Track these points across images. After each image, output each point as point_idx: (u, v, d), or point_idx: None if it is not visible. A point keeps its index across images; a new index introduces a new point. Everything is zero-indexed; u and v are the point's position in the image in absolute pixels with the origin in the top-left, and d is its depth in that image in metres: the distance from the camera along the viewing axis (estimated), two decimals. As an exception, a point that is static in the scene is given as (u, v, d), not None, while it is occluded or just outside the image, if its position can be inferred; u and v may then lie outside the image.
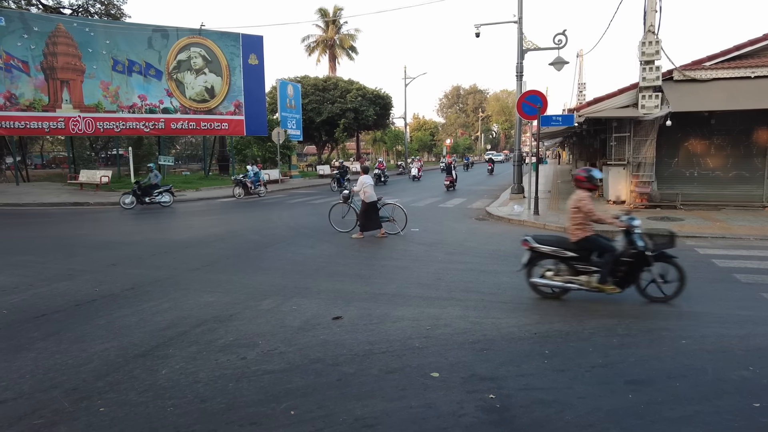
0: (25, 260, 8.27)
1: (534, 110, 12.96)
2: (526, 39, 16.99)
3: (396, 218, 10.69)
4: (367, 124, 44.42)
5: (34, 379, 3.84)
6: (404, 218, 10.75)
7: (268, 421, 3.19)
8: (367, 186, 10.28)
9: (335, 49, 53.29)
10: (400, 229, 10.56)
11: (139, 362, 4.12)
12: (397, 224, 10.61)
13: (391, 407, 3.35)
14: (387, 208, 10.75)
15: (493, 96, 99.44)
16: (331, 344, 4.45)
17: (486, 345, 4.43)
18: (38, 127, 22.96)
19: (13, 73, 21.81)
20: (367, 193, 10.21)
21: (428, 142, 64.99)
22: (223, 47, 25.79)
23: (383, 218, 10.51)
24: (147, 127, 24.74)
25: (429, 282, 6.64)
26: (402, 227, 10.60)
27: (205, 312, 5.40)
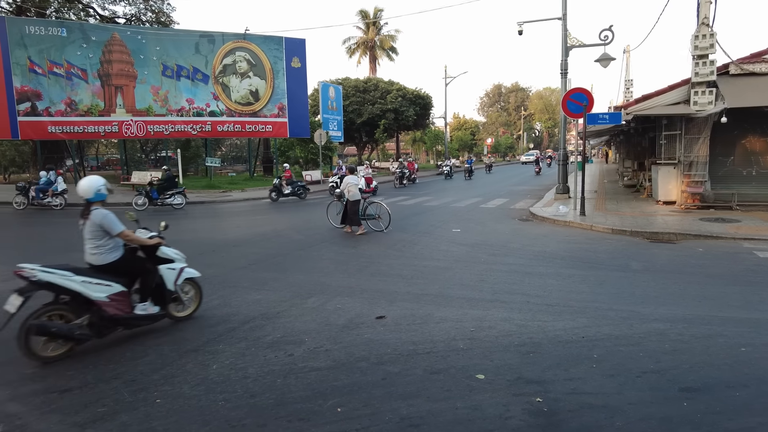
0: (82, 257, 8.69)
1: (580, 108, 12.64)
2: (570, 36, 16.59)
3: (381, 216, 11.19)
4: (407, 125, 44.41)
5: (97, 369, 4.05)
6: (388, 217, 11.17)
7: (315, 417, 3.26)
8: (352, 185, 10.90)
9: (375, 50, 53.55)
10: (384, 227, 11.04)
11: (191, 357, 4.27)
12: (382, 221, 11.12)
13: (437, 408, 3.35)
14: (373, 207, 11.34)
15: (535, 94, 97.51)
16: (375, 343, 4.49)
17: (532, 348, 4.36)
18: (95, 131, 24.20)
19: (74, 80, 23.05)
20: (351, 192, 10.85)
21: (469, 141, 64.34)
22: (266, 51, 26.37)
23: (370, 216, 11.16)
24: (194, 130, 25.61)
25: (472, 283, 6.59)
26: (386, 225, 11.06)
27: (252, 309, 5.56)
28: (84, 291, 4.39)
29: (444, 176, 32.06)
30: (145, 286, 4.89)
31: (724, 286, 6.42)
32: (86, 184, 4.80)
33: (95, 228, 4.66)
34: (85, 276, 4.48)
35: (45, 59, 22.53)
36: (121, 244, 4.82)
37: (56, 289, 4.34)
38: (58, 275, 4.32)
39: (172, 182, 16.91)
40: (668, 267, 7.65)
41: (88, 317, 4.44)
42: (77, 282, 4.39)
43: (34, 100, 22.63)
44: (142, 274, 4.91)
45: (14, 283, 4.27)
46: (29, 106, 22.57)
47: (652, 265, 7.78)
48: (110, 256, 4.69)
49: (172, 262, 5.19)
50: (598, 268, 7.50)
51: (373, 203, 11.43)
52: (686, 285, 6.51)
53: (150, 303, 4.88)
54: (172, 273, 5.10)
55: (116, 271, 4.70)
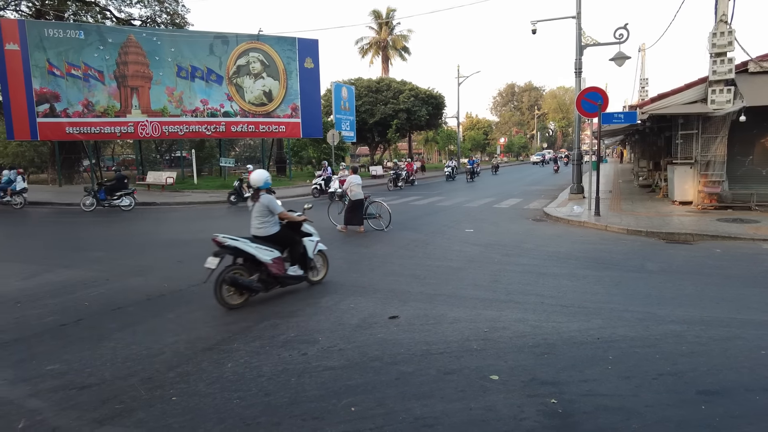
0: (101, 256, 8.85)
1: (594, 107, 12.53)
2: (584, 34, 16.45)
3: (382, 215, 11.41)
4: (419, 125, 44.37)
5: (114, 367, 4.11)
6: (389, 216, 11.36)
7: (329, 416, 3.27)
8: (354, 185, 11.13)
9: (388, 50, 53.59)
10: (385, 225, 11.22)
11: (207, 355, 4.31)
12: (382, 221, 11.30)
13: (451, 408, 3.35)
14: (374, 206, 11.55)
15: (549, 93, 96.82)
16: (388, 343, 4.50)
17: (546, 349, 4.33)
18: (111, 131, 24.51)
19: (90, 82, 23.37)
20: (354, 191, 11.09)
21: (481, 141, 64.04)
22: (280, 52, 26.51)
23: (371, 215, 11.42)
24: (209, 130, 25.82)
25: (485, 284, 6.57)
26: (387, 224, 11.23)
27: (267, 308, 5.60)
28: (257, 254, 5.76)
29: (446, 178, 30.73)
30: (294, 254, 6.26)
31: (743, 288, 6.32)
32: (257, 176, 6.12)
33: (263, 208, 6.02)
34: (256, 244, 5.82)
35: (63, 61, 22.88)
36: (279, 221, 6.13)
37: (238, 252, 5.72)
38: (241, 242, 5.75)
39: (122, 183, 16.74)
40: (685, 268, 7.55)
41: (258, 275, 5.78)
42: (253, 247, 5.75)
43: (52, 101, 22.99)
44: (292, 244, 6.24)
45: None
46: (48, 108, 22.94)
47: (668, 265, 7.68)
48: (272, 229, 6.06)
49: (311, 236, 6.53)
50: (613, 269, 7.42)
51: (374, 203, 11.61)
52: (703, 286, 6.43)
53: (297, 267, 6.25)
54: (312, 244, 6.47)
55: (275, 241, 6.05)
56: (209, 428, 3.16)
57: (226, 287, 5.54)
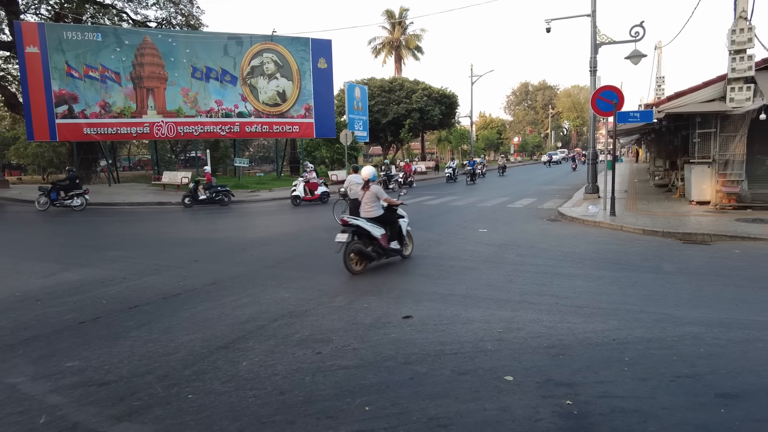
0: (118, 255, 8.97)
1: (610, 106, 12.40)
2: (599, 32, 16.28)
3: None
4: (432, 124, 44.31)
5: (131, 364, 4.17)
6: None
7: (343, 415, 3.28)
8: (354, 184, 11.20)
9: (401, 49, 53.58)
10: None
11: (222, 354, 4.35)
12: None
13: (465, 408, 3.34)
14: None
15: (563, 92, 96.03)
16: (402, 343, 4.50)
17: (561, 350, 4.30)
18: (127, 132, 24.88)
19: (107, 83, 23.74)
20: (353, 191, 11.15)
21: (495, 140, 63.75)
22: (293, 52, 26.65)
23: None
24: (223, 131, 26.06)
25: (500, 284, 6.54)
26: None
27: (281, 307, 5.63)
28: (372, 231, 7.35)
29: (446, 179, 29.51)
30: (393, 231, 7.89)
31: (763, 290, 6.21)
32: (368, 171, 7.90)
33: (372, 195, 7.74)
34: (369, 223, 7.41)
35: (81, 63, 23.26)
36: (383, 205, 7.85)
37: (358, 229, 7.28)
38: (361, 222, 7.41)
39: (74, 183, 16.92)
40: (702, 269, 7.44)
41: (372, 248, 7.39)
42: (369, 225, 7.38)
43: (70, 102, 23.39)
44: (392, 223, 7.88)
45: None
46: (66, 109, 23.34)
47: (685, 266, 7.58)
48: (378, 212, 7.72)
49: (403, 218, 8.13)
50: (629, 270, 7.34)
51: None
52: (722, 287, 6.33)
53: (396, 242, 7.86)
54: (404, 225, 8.09)
55: (380, 221, 7.65)
56: (225, 426, 3.18)
57: (351, 255, 7.12)
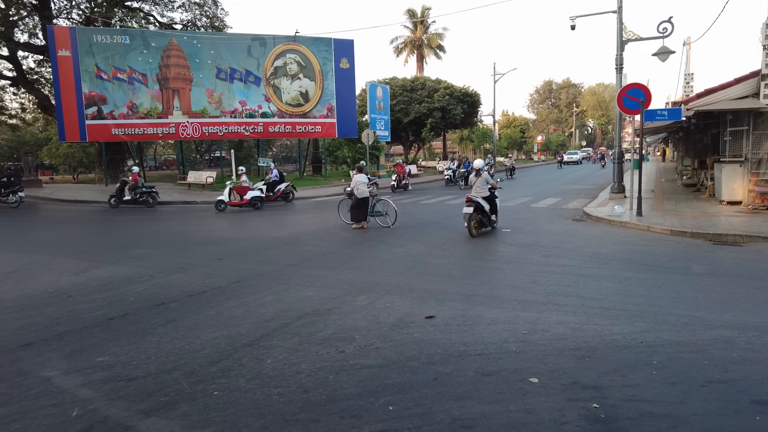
0: (145, 253, 9.16)
1: (636, 104, 12.14)
2: (626, 29, 15.97)
3: (389, 213, 12.03)
4: (454, 123, 44.07)
5: (158, 360, 4.25)
6: (395, 214, 11.99)
7: (367, 414, 3.28)
8: (360, 184, 11.72)
9: (423, 48, 53.42)
10: (391, 223, 11.86)
11: (247, 351, 4.40)
12: (389, 218, 11.93)
13: (489, 410, 3.31)
14: (381, 204, 12.12)
15: (588, 90, 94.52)
16: (425, 343, 4.49)
17: (588, 352, 4.23)
18: (154, 132, 25.41)
19: (135, 85, 24.26)
20: (359, 190, 11.67)
21: (518, 139, 63.05)
22: (316, 52, 26.81)
23: (378, 213, 12.04)
24: (247, 131, 26.38)
25: (524, 285, 6.46)
26: (393, 221, 11.86)
27: (305, 305, 5.67)
28: (485, 206, 10.24)
29: (446, 182, 26.32)
30: (493, 207, 10.64)
31: (799, 293, 6.01)
32: (479, 163, 10.94)
33: (483, 180, 10.39)
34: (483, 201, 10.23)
35: (110, 65, 23.82)
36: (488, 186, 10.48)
37: (477, 205, 10.09)
38: (479, 200, 10.17)
39: (11, 181, 17.48)
40: (734, 271, 7.23)
41: (481, 218, 10.26)
42: (484, 203, 10.24)
43: (99, 104, 23.97)
44: (492, 201, 10.62)
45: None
46: (96, 110, 23.93)
47: (716, 268, 7.38)
48: (486, 193, 10.39)
49: (497, 198, 10.93)
50: (657, 271, 7.18)
51: (381, 200, 12.12)
52: (755, 290, 6.14)
53: (495, 216, 10.80)
54: (497, 202, 10.93)
55: (487, 199, 10.35)
56: (249, 423, 3.22)
57: (473, 223, 10.05)
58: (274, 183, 18.29)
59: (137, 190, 17.76)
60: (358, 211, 11.64)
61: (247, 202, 16.39)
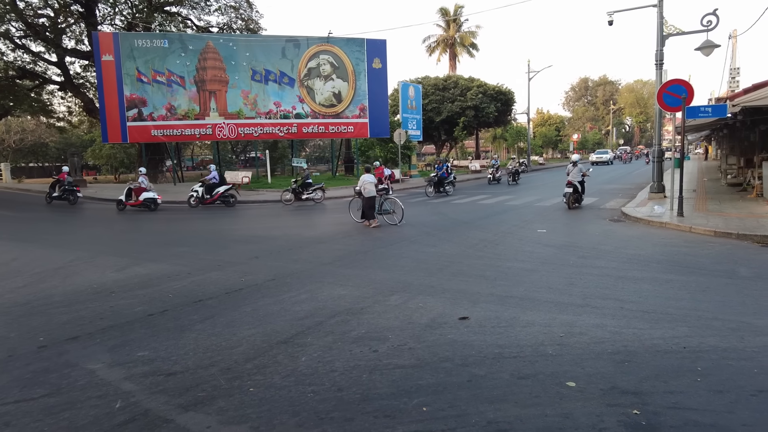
0: (183, 251, 9.40)
1: (678, 101, 11.73)
2: (667, 23, 15.44)
3: (396, 211, 12.42)
4: (487, 122, 43.62)
5: (196, 356, 4.35)
6: (401, 212, 12.37)
7: (401, 415, 3.28)
8: (367, 183, 12.13)
9: (455, 47, 53.06)
10: (398, 220, 12.25)
11: (282, 348, 4.46)
12: (396, 216, 12.34)
13: (525, 414, 3.26)
14: (388, 203, 12.53)
15: (625, 87, 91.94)
16: (459, 344, 4.45)
17: (627, 357, 4.11)
18: (191, 133, 26.06)
19: (173, 87, 24.95)
20: (366, 189, 12.06)
21: (553, 137, 61.89)
22: (349, 53, 26.97)
23: (385, 211, 12.43)
24: (281, 132, 26.77)
25: (560, 287, 6.33)
26: (400, 219, 12.25)
27: (338, 304, 5.71)
28: (579, 188, 14.72)
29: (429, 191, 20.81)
30: (583, 189, 14.94)
31: None
32: (576, 156, 15.03)
33: (578, 169, 14.56)
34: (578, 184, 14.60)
35: (150, 69, 24.57)
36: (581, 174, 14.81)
37: (575, 187, 14.45)
38: (577, 183, 14.48)
39: None
40: (785, 274, 6.89)
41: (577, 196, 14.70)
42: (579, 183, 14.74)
43: (140, 106, 24.76)
44: (582, 185, 14.85)
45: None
46: (136, 112, 24.73)
47: (764, 271, 7.06)
48: (579, 178, 14.69)
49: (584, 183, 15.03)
50: (700, 274, 6.92)
51: (388, 199, 12.57)
52: (808, 295, 5.84)
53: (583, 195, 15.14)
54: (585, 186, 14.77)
55: (580, 183, 14.70)
56: (284, 420, 3.26)
57: (572, 200, 14.17)
58: (212, 185, 17.85)
59: (62, 188, 19.35)
60: (369, 210, 12.07)
61: (141, 203, 16.87)
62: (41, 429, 3.21)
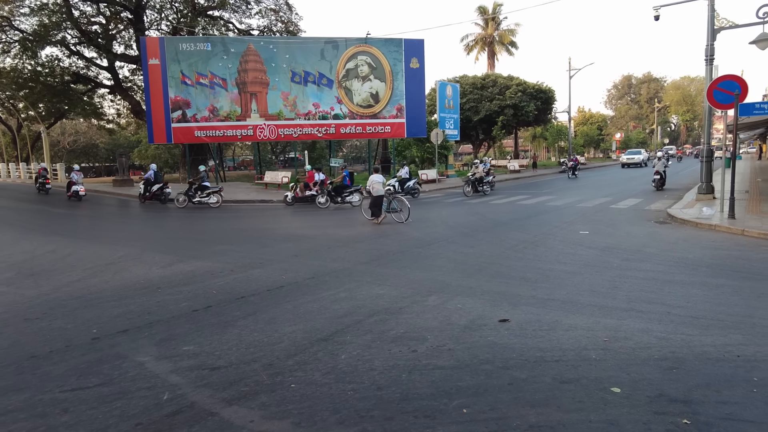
0: (225, 249, 9.65)
1: (730, 98, 11.24)
2: (718, 16, 14.79)
3: (403, 210, 12.95)
4: (526, 120, 42.88)
5: (239, 352, 4.46)
6: (407, 210, 12.91)
7: (441, 415, 3.27)
8: (375, 183, 12.88)
9: (494, 45, 52.41)
10: (405, 218, 12.77)
11: (322, 346, 4.52)
12: (402, 214, 12.88)
13: (568, 419, 3.19)
14: (396, 202, 13.12)
15: (671, 84, 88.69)
16: (499, 346, 4.40)
17: (675, 363, 3.97)
18: (233, 134, 26.68)
19: (215, 89, 25.60)
20: (375, 189, 12.84)
21: (595, 136, 60.29)
22: (386, 53, 27.01)
23: (393, 209, 13.04)
24: (320, 132, 27.09)
25: (604, 290, 6.17)
26: (406, 217, 12.78)
27: (376, 303, 5.74)
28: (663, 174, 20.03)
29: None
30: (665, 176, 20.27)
31: None
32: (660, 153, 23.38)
33: (663, 162, 20.27)
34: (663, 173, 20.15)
35: (193, 71, 25.29)
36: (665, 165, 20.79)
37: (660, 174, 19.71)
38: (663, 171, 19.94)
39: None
40: None
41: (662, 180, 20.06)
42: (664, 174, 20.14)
43: (184, 108, 25.53)
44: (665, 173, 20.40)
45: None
46: (180, 114, 25.51)
47: (826, 278, 6.67)
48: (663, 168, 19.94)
49: None
50: (754, 279, 6.61)
51: (396, 198, 13.24)
52: None
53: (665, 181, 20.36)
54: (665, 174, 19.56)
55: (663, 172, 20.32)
56: (325, 417, 3.30)
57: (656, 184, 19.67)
58: (148, 181, 20.48)
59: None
60: (377, 208, 12.79)
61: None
62: (96, 416, 3.37)
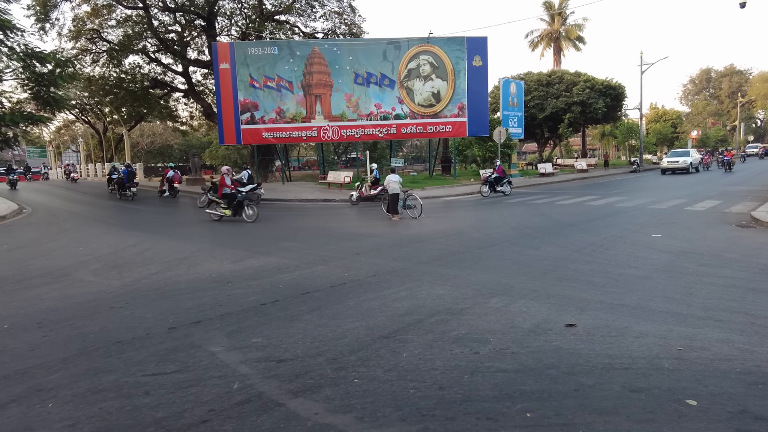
0: (291, 246, 9.97)
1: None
2: (817, 2, 13.54)
3: (416, 207, 14.03)
4: (595, 118, 41.19)
5: (304, 345, 4.61)
6: (420, 207, 14.00)
7: (503, 419, 3.23)
8: (392, 182, 13.92)
9: (560, 41, 50.78)
10: (417, 215, 13.82)
11: (384, 343, 4.59)
12: (416, 211, 13.96)
13: (638, 429, 3.06)
14: (410, 199, 14.21)
15: (757, 77, 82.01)
16: (565, 352, 4.28)
17: (761, 378, 3.70)
18: (298, 135, 27.46)
19: (282, 92, 26.46)
20: (391, 187, 13.88)
21: (669, 134, 56.95)
22: (448, 52, 26.83)
23: (408, 206, 14.13)
24: (381, 133, 27.35)
25: (678, 297, 5.84)
26: (419, 213, 13.83)
27: (437, 303, 5.74)
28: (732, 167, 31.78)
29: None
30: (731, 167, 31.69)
31: None
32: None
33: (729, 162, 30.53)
34: None
35: (261, 75, 26.26)
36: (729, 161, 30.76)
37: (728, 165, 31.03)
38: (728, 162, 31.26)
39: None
40: None
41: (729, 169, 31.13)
42: None
43: (252, 110, 26.57)
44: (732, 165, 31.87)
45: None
46: (249, 116, 26.57)
47: None
48: None
49: None
50: None
51: (411, 196, 14.29)
52: None
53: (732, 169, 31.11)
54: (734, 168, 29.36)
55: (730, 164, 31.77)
56: (387, 414, 3.35)
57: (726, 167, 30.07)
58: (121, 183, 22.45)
59: None
60: (393, 205, 13.87)
61: None
62: (174, 400, 3.60)
